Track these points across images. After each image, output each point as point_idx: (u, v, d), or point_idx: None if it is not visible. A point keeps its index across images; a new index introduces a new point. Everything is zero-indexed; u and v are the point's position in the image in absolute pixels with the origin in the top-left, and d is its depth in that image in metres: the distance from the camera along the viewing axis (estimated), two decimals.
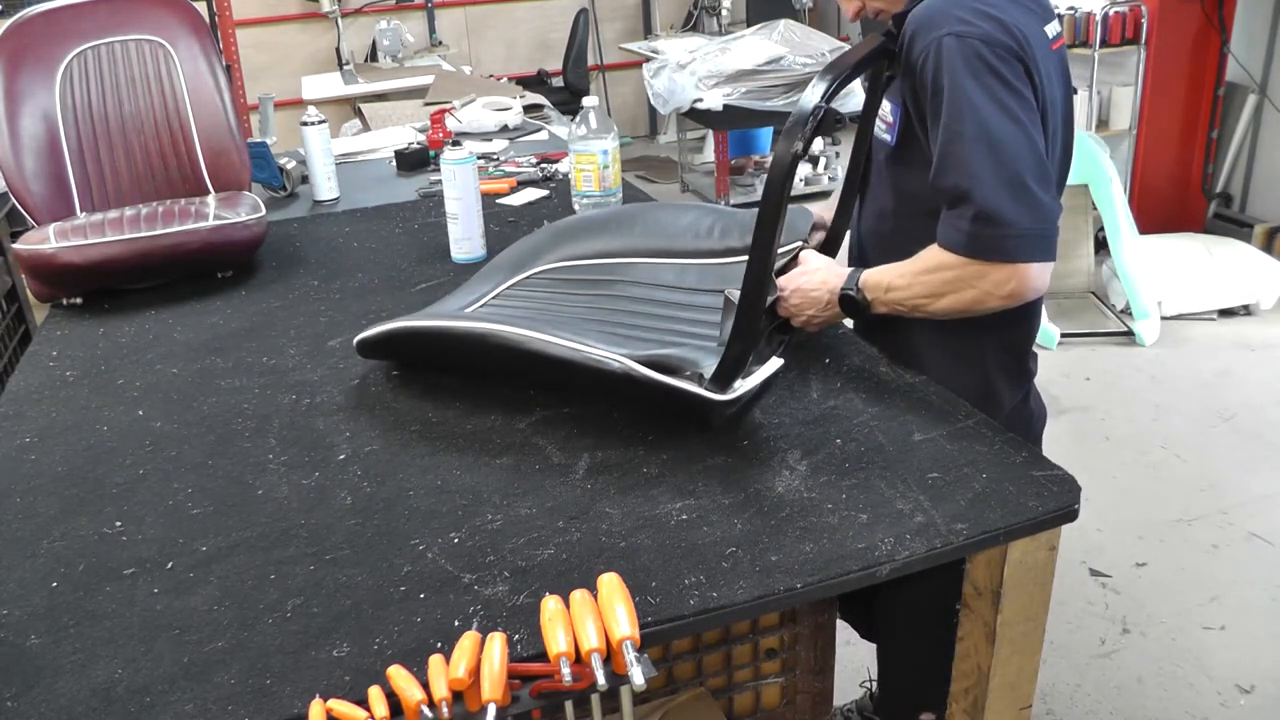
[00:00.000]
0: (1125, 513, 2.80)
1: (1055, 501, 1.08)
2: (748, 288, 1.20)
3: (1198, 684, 2.22)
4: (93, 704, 0.88)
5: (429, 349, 1.44)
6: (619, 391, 1.29)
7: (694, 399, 1.19)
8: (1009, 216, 1.17)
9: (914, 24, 1.27)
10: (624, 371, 1.22)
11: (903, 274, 1.30)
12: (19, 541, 1.12)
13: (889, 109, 1.36)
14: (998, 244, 1.18)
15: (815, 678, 1.45)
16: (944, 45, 1.20)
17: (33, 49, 1.91)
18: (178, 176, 1.99)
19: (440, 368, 1.47)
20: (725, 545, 1.04)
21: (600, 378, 1.25)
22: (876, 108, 1.42)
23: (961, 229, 1.20)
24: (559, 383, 1.37)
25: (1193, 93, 4.44)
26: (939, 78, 1.21)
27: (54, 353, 1.62)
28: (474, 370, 1.44)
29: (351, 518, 1.13)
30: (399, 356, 1.49)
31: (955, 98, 1.20)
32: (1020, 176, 1.18)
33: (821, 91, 1.19)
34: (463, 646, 0.86)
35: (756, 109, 4.80)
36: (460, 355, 1.42)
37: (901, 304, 1.30)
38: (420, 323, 1.41)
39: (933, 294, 1.26)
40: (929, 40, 1.22)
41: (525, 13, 6.73)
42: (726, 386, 1.19)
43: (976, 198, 1.17)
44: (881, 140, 1.40)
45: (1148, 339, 3.76)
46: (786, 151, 1.16)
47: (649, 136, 7.26)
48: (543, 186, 2.33)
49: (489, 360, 1.39)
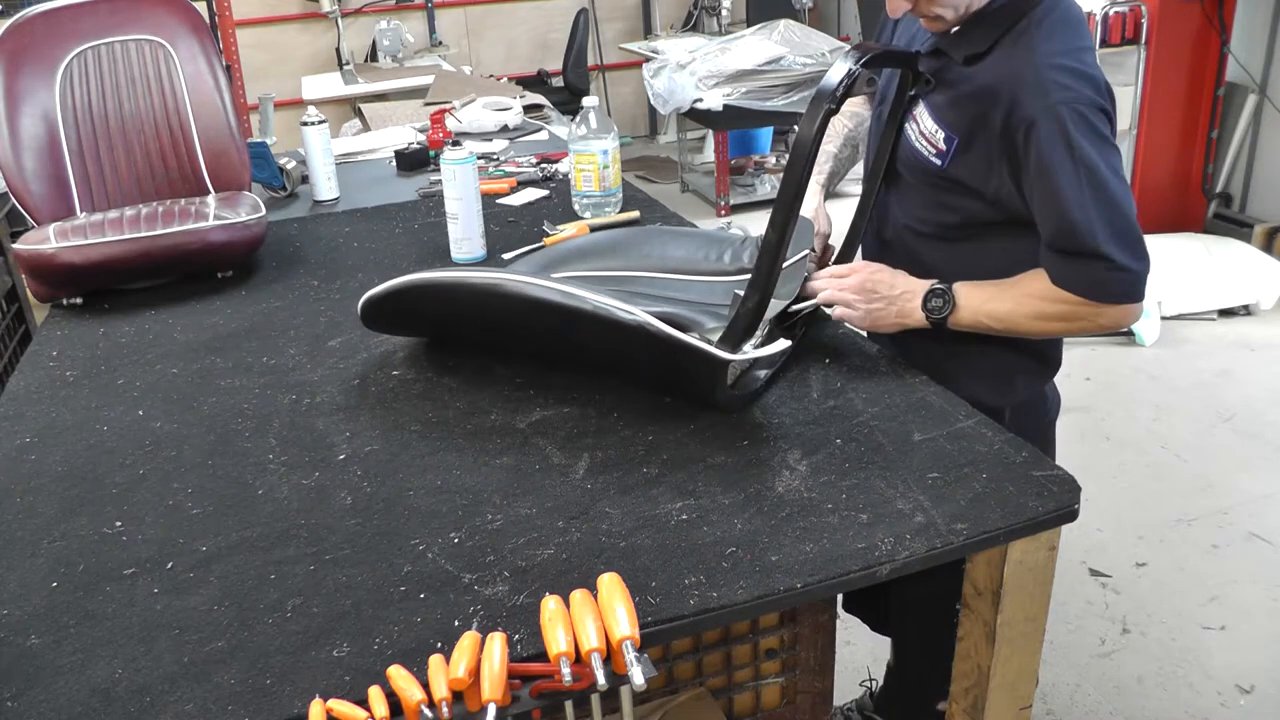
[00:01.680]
0: (1125, 513, 2.80)
1: (1055, 501, 1.09)
2: (769, 238, 1.23)
3: (1198, 684, 2.22)
4: (93, 704, 0.88)
5: (436, 309, 1.42)
6: (627, 359, 1.29)
7: (703, 356, 1.20)
8: (1129, 265, 1.29)
9: (1013, 84, 1.29)
10: (638, 324, 1.22)
11: (1004, 295, 1.36)
12: (19, 541, 1.12)
13: (941, 135, 1.38)
14: (1119, 289, 1.30)
15: (815, 678, 1.45)
16: (1057, 115, 1.26)
17: (33, 49, 1.91)
18: (178, 176, 1.99)
19: (444, 337, 1.46)
20: (725, 545, 1.04)
21: (612, 333, 1.25)
22: (898, 124, 1.45)
23: (1087, 277, 1.30)
24: (567, 349, 1.36)
25: (1193, 93, 4.44)
26: (1051, 146, 1.26)
27: (54, 353, 1.62)
28: (480, 337, 1.43)
29: (351, 518, 1.13)
30: (404, 324, 1.48)
31: (1072, 167, 1.26)
32: (1134, 229, 1.29)
33: (856, 59, 1.26)
34: (463, 646, 0.86)
35: (756, 109, 4.80)
36: (468, 315, 1.40)
37: (996, 320, 1.36)
38: (430, 275, 1.39)
39: (1038, 318, 1.35)
40: (1039, 109, 1.27)
41: (525, 13, 6.73)
42: (737, 346, 1.21)
43: (1105, 253, 1.27)
44: (925, 162, 1.41)
45: (1148, 339, 3.76)
46: (818, 110, 1.22)
47: (649, 136, 7.25)
48: (543, 186, 2.33)
49: (498, 321, 1.37)
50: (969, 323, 1.38)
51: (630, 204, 2.11)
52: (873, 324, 1.43)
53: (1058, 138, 1.26)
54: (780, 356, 1.35)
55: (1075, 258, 1.29)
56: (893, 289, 1.41)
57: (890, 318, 1.41)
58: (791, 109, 4.82)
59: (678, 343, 1.21)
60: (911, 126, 1.43)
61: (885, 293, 1.41)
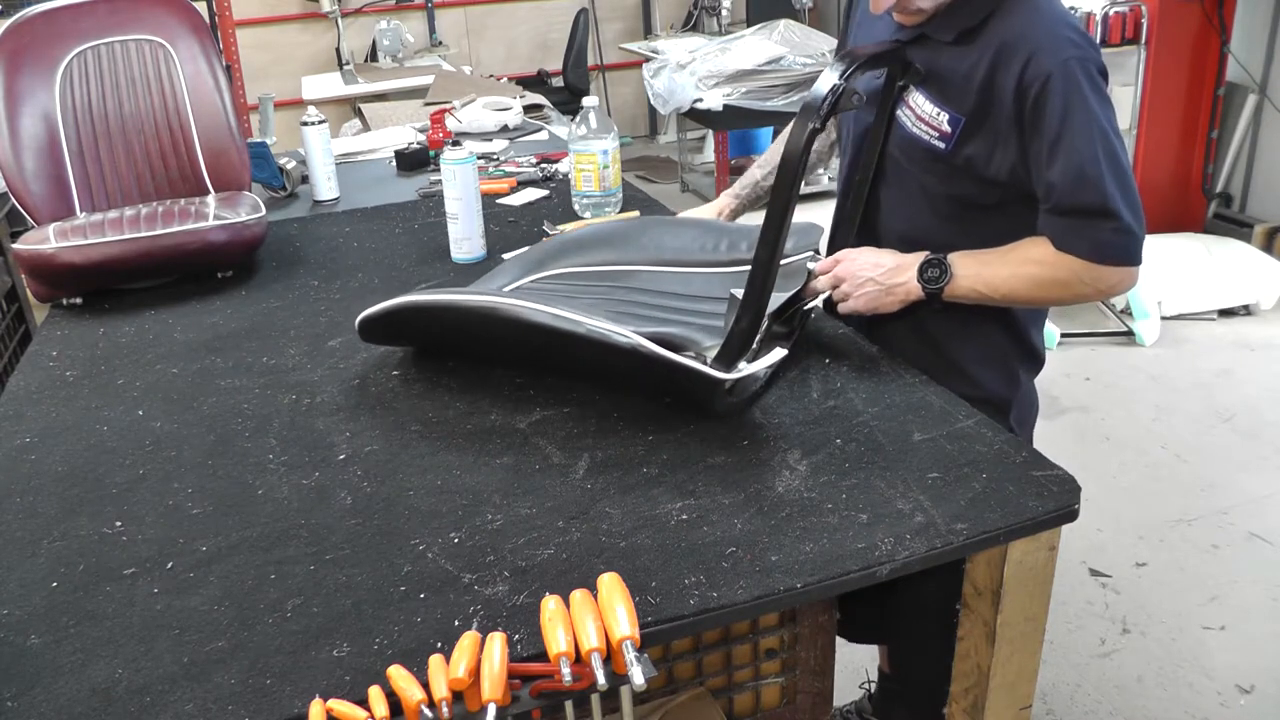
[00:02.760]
0: (1125, 513, 2.80)
1: (1055, 501, 1.09)
2: (760, 256, 1.23)
3: (1198, 684, 2.22)
4: (93, 704, 0.88)
5: (433, 328, 1.43)
6: (624, 374, 1.29)
7: (698, 376, 1.20)
8: (1133, 225, 1.30)
9: (1024, 44, 1.29)
10: (631, 347, 1.22)
11: (1002, 261, 1.36)
12: (19, 541, 1.12)
13: (944, 118, 1.37)
14: (1121, 251, 1.31)
15: (815, 678, 1.45)
16: (1070, 70, 1.27)
17: (33, 49, 1.91)
18: (178, 176, 1.99)
19: (442, 351, 1.46)
20: (725, 545, 1.04)
21: (607, 354, 1.25)
22: (888, 117, 1.44)
23: (1094, 238, 1.30)
24: (564, 364, 1.37)
25: (1193, 93, 4.44)
26: (1067, 101, 1.27)
27: (54, 353, 1.62)
28: (478, 351, 1.44)
29: (351, 518, 1.13)
30: (401, 338, 1.48)
31: (1086, 121, 1.27)
32: (1134, 188, 1.30)
33: (840, 71, 1.25)
34: (463, 646, 0.86)
35: (756, 109, 4.80)
36: (465, 334, 1.41)
37: (992, 288, 1.36)
38: (426, 297, 1.39)
39: (1037, 285, 1.35)
40: (1053, 63, 1.27)
41: (525, 13, 6.72)
42: (731, 365, 1.20)
43: (1113, 211, 1.28)
44: (929, 146, 1.40)
45: (1148, 339, 3.76)
46: (804, 126, 1.21)
47: (649, 136, 7.25)
48: (543, 186, 2.33)
49: (494, 339, 1.38)
50: (965, 291, 1.38)
51: (630, 204, 2.11)
52: (873, 307, 1.43)
53: (1074, 92, 1.27)
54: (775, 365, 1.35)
55: (1081, 217, 1.30)
56: (879, 268, 1.41)
57: (886, 296, 1.41)
58: (791, 109, 4.81)
59: (672, 364, 1.21)
60: (905, 114, 1.42)
61: (872, 274, 1.41)
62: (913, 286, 1.40)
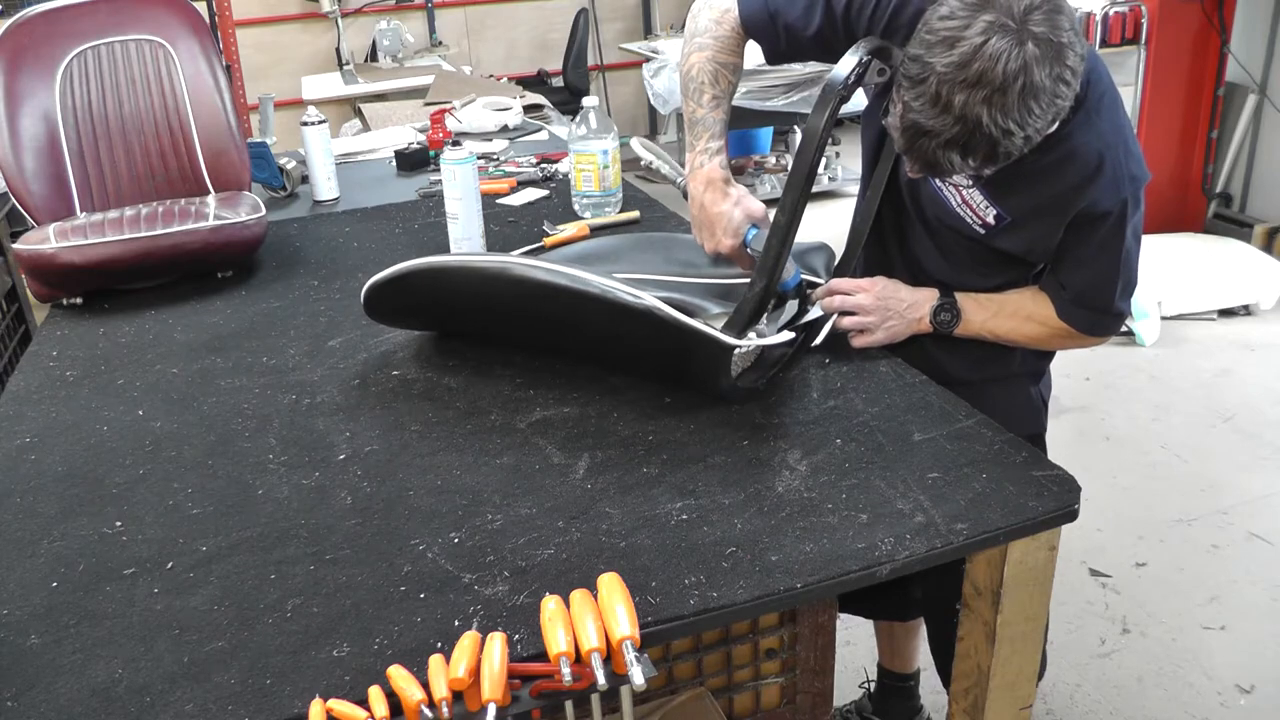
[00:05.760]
0: (1125, 513, 2.80)
1: (1055, 501, 1.09)
2: (778, 221, 1.26)
3: (1198, 684, 2.22)
4: (93, 704, 0.88)
5: (441, 295, 1.42)
6: (630, 347, 1.29)
7: (709, 341, 1.21)
8: (1124, 311, 1.44)
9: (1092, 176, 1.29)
10: (646, 309, 1.22)
11: (1005, 314, 1.46)
12: (19, 541, 1.12)
13: (993, 213, 1.36)
14: (1112, 330, 1.47)
15: (815, 678, 1.45)
16: (1124, 210, 1.33)
17: (33, 49, 1.91)
18: (178, 176, 1.99)
19: (445, 327, 1.45)
20: (725, 545, 1.04)
21: (619, 318, 1.25)
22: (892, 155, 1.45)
23: (1093, 321, 1.43)
24: (572, 336, 1.36)
25: (1193, 93, 4.44)
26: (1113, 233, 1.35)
27: (54, 353, 1.62)
28: (484, 324, 1.43)
29: (351, 518, 1.13)
30: (406, 311, 1.48)
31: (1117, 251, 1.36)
32: (1135, 284, 1.42)
33: (867, 48, 1.28)
34: (463, 646, 0.86)
35: (756, 109, 4.80)
36: (474, 300, 1.40)
37: (993, 334, 1.47)
38: (436, 259, 1.39)
39: (1033, 339, 1.47)
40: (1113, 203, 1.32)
41: (525, 13, 6.72)
42: (743, 331, 1.23)
43: (1116, 311, 1.43)
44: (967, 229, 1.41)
45: (1148, 339, 3.76)
46: (833, 91, 1.25)
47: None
48: (543, 186, 2.33)
49: (504, 308, 1.37)
50: (971, 333, 1.46)
51: (630, 204, 2.11)
52: (890, 339, 1.46)
53: (1119, 228, 1.35)
54: (784, 355, 1.35)
55: (1086, 308, 1.42)
56: (902, 303, 1.45)
57: (903, 330, 1.46)
58: (791, 109, 4.82)
59: (684, 327, 1.21)
60: (952, 193, 1.39)
61: (896, 308, 1.45)
62: (925, 325, 1.46)
